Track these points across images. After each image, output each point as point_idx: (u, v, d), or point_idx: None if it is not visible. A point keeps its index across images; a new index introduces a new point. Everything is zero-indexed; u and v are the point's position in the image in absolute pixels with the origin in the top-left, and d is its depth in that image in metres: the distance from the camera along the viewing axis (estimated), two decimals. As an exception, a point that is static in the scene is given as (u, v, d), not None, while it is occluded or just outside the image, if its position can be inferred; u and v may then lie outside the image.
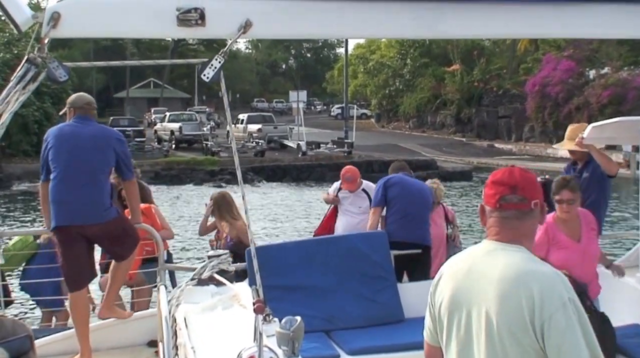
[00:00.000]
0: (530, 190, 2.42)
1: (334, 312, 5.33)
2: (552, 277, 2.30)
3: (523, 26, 3.28)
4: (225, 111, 3.33)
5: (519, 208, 2.41)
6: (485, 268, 2.38)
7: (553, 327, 2.22)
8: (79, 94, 5.34)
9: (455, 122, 50.31)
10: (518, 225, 2.41)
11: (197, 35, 3.03)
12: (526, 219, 2.42)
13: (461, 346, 2.42)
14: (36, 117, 32.13)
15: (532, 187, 2.44)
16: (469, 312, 2.38)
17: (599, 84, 35.89)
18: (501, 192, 2.43)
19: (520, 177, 2.43)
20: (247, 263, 5.26)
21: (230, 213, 6.68)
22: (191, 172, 30.79)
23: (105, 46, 63.39)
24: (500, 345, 2.29)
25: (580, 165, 6.18)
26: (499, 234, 2.43)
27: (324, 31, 3.44)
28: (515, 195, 2.41)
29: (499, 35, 4.48)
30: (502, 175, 2.47)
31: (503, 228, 2.42)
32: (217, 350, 3.13)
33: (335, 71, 70.65)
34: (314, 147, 37.29)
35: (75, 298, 5.03)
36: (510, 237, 2.40)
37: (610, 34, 4.33)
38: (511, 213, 2.41)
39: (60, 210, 4.86)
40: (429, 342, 2.66)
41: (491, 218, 2.46)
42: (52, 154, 4.92)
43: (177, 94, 74.48)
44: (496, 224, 2.44)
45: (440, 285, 2.51)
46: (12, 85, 2.97)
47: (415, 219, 6.39)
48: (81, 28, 3.04)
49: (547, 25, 3.33)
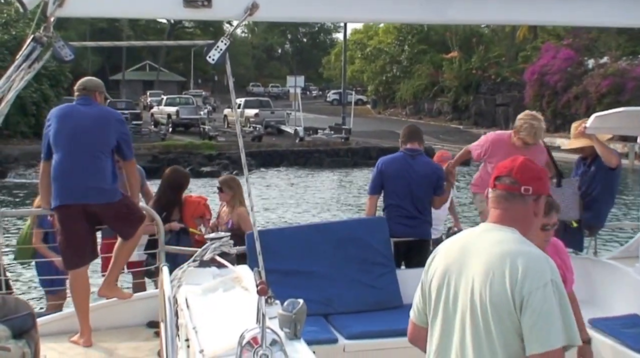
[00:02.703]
0: (524, 177, 2.49)
1: (333, 296, 5.35)
2: (538, 257, 2.38)
3: (529, 13, 3.30)
4: (231, 92, 3.33)
5: (508, 190, 2.49)
6: (477, 244, 2.48)
7: (531, 303, 2.28)
8: (89, 78, 5.42)
9: (453, 110, 50.23)
10: (507, 206, 2.49)
11: (203, 17, 3.03)
12: (516, 202, 2.49)
13: (445, 322, 2.50)
14: (34, 99, 32.00)
15: (528, 175, 2.50)
16: (457, 287, 2.46)
17: (598, 73, 35.82)
18: (498, 173, 2.55)
19: (520, 163, 2.52)
20: (248, 246, 5.27)
21: (241, 197, 6.66)
22: (189, 156, 30.71)
23: (102, 28, 62.92)
24: (484, 322, 2.36)
25: (590, 160, 6.18)
26: (492, 216, 2.53)
27: (331, 15, 3.44)
28: (508, 177, 2.51)
29: (505, 21, 4.51)
30: (506, 161, 2.58)
31: (495, 209, 2.53)
32: (218, 331, 3.14)
33: (332, 56, 70.43)
34: (311, 133, 37.26)
35: (75, 277, 5.06)
36: (502, 219, 2.50)
37: (610, 22, 4.33)
38: (501, 194, 2.51)
39: (62, 188, 4.90)
40: (415, 321, 2.74)
41: (489, 199, 2.57)
42: (53, 134, 4.99)
43: (173, 77, 74.13)
44: (490, 205, 2.55)
45: (434, 262, 2.60)
46: (17, 64, 2.97)
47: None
48: (87, 7, 3.04)
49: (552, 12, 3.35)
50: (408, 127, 6.48)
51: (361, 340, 4.93)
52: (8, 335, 3.49)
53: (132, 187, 5.38)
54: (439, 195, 6.21)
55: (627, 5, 3.27)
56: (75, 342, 4.99)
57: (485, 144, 6.24)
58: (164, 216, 6.47)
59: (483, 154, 6.22)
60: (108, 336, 5.17)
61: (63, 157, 4.92)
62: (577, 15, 3.39)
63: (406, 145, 6.23)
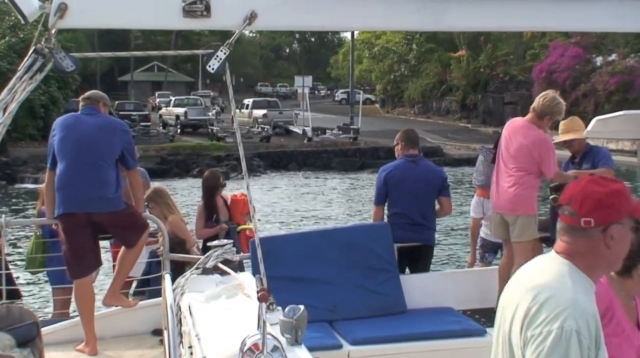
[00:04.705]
0: (584, 206, 2.18)
1: (337, 302, 5.35)
2: (565, 296, 2.06)
3: (527, 19, 3.29)
4: (230, 100, 3.34)
5: (569, 222, 2.23)
6: (528, 274, 2.26)
7: (527, 350, 2.03)
8: (94, 91, 5.56)
9: (461, 108, 50.11)
10: (568, 239, 2.22)
11: (202, 27, 3.04)
12: (577, 236, 2.20)
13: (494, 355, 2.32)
14: (42, 102, 32.14)
15: (588, 202, 2.18)
16: (502, 318, 2.27)
17: (606, 71, 35.71)
18: (562, 200, 2.28)
19: (581, 188, 2.23)
20: (251, 253, 5.28)
21: (168, 206, 6.53)
22: (197, 157, 30.81)
23: (109, 30, 63.07)
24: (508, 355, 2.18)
25: (579, 158, 6.19)
26: (557, 245, 2.28)
27: (329, 23, 3.44)
28: (568, 206, 2.23)
29: (502, 28, 4.50)
30: (569, 185, 2.33)
31: (559, 239, 2.27)
32: (221, 338, 3.16)
33: (340, 56, 70.41)
34: (319, 133, 37.26)
35: (80, 286, 5.08)
36: (565, 250, 2.23)
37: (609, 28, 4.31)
38: (563, 226, 2.25)
39: (66, 197, 4.94)
40: None
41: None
42: (58, 143, 5.03)
43: (181, 77, 74.34)
44: (558, 233, 2.29)
45: (505, 288, 2.38)
46: (19, 75, 2.99)
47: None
48: (88, 19, 3.06)
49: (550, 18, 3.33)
50: (406, 132, 6.36)
51: (365, 345, 4.92)
52: (13, 344, 3.52)
53: (136, 196, 5.40)
54: (446, 196, 6.20)
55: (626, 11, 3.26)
56: (81, 350, 5.03)
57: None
58: (215, 218, 7.10)
59: None
60: (113, 344, 5.20)
61: (67, 166, 4.96)
62: (576, 21, 3.38)
63: (407, 151, 6.18)
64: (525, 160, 5.40)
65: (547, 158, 5.42)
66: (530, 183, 5.45)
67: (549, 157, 5.44)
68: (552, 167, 5.48)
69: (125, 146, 5.16)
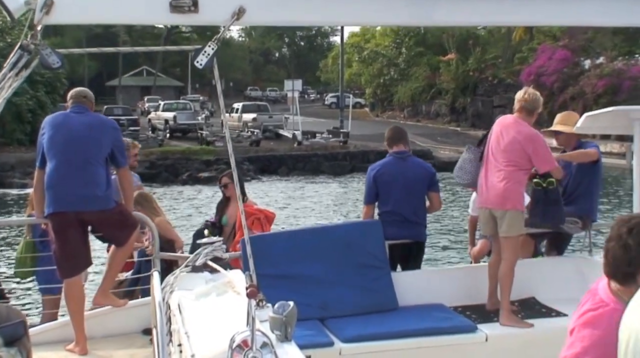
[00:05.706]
0: None
1: (329, 300, 5.35)
2: None
3: (518, 13, 3.30)
4: (219, 98, 3.33)
5: None
6: None
7: None
8: (79, 89, 5.42)
9: (450, 112, 50.24)
10: None
11: (190, 22, 3.04)
12: None
13: None
14: (30, 106, 32.00)
15: None
16: (623, 341, 2.03)
17: (594, 73, 35.91)
18: None
19: None
20: (242, 251, 5.27)
21: (153, 210, 6.47)
22: (186, 161, 30.72)
23: (97, 34, 62.93)
24: None
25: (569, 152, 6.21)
26: None
27: (318, 18, 3.44)
28: None
29: (492, 22, 4.51)
30: None
31: None
32: (211, 336, 3.14)
33: (330, 59, 70.44)
34: (309, 137, 37.23)
35: (69, 285, 5.05)
36: None
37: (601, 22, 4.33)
38: None
39: (55, 196, 4.90)
40: None
41: None
42: (47, 142, 4.99)
43: (170, 82, 74.08)
44: None
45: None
46: (4, 72, 2.98)
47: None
48: (74, 14, 3.04)
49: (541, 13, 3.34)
50: (391, 129, 6.40)
51: (357, 343, 4.93)
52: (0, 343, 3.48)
53: (125, 195, 5.37)
54: (435, 191, 6.22)
55: (618, 5, 3.27)
56: (71, 350, 4.99)
57: None
58: (220, 219, 6.93)
59: None
60: (103, 344, 5.17)
61: (57, 165, 4.92)
62: (567, 15, 3.38)
63: (392, 149, 6.20)
64: (516, 155, 5.42)
65: (543, 153, 5.45)
66: (519, 178, 5.46)
67: (545, 152, 5.47)
68: (552, 162, 5.52)
69: (115, 144, 5.13)
